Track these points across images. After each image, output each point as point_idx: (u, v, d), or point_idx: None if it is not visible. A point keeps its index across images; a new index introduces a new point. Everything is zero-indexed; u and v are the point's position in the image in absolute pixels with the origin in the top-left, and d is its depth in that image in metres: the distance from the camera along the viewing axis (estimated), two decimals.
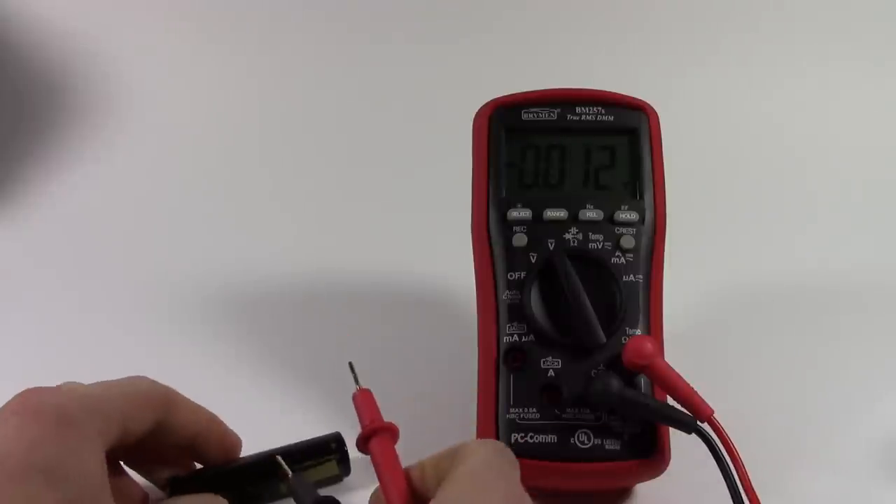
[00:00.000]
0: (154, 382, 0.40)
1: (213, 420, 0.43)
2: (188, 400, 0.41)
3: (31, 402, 0.33)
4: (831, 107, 0.84)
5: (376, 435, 0.40)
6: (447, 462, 0.36)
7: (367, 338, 0.60)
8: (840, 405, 0.54)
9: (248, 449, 0.46)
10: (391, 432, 0.40)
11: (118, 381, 0.38)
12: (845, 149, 0.81)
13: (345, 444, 0.46)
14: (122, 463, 0.40)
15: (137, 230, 0.74)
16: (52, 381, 0.55)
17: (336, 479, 0.47)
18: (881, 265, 0.68)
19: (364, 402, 0.42)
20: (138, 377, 0.39)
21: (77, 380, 0.52)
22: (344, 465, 0.46)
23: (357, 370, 0.43)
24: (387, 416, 0.52)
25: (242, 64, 0.90)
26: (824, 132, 0.82)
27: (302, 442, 0.47)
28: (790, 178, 0.78)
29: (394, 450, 0.39)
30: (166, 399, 0.39)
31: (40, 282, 0.68)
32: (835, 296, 0.64)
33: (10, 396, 0.55)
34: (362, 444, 0.40)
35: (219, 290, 0.66)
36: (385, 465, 0.39)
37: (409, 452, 0.49)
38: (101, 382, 0.38)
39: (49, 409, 0.33)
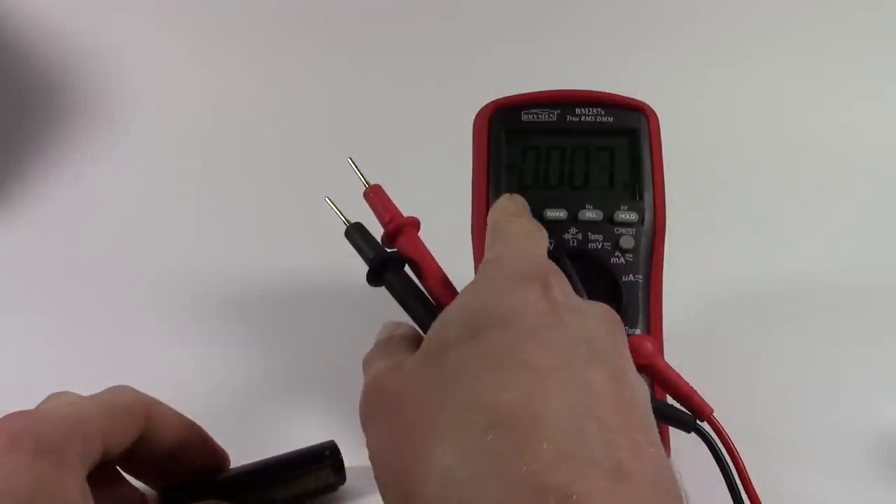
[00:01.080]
0: (136, 393, 0.39)
1: (195, 431, 0.42)
2: (170, 410, 0.40)
3: (8, 431, 0.33)
4: (832, 107, 0.84)
5: (402, 231, 0.41)
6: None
7: (367, 338, 0.60)
8: (840, 404, 0.54)
9: (246, 451, 0.46)
10: (416, 226, 0.42)
11: (99, 394, 0.37)
12: (845, 149, 0.81)
13: (339, 453, 0.46)
14: (118, 468, 0.40)
15: (137, 230, 0.75)
16: (51, 381, 0.56)
17: (332, 488, 0.47)
18: (882, 265, 0.68)
19: (378, 198, 0.43)
20: (120, 388, 0.38)
21: (75, 380, 0.52)
22: (339, 473, 0.46)
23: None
24: None
25: (242, 64, 0.90)
26: (824, 132, 0.82)
27: (295, 451, 0.47)
28: (790, 178, 0.78)
29: (423, 243, 0.42)
30: (148, 411, 0.38)
31: (40, 281, 0.68)
32: (835, 295, 0.64)
33: (9, 394, 0.55)
34: (389, 242, 0.41)
35: (219, 291, 0.66)
36: (422, 260, 0.40)
37: None
38: (82, 398, 0.37)
39: (26, 437, 0.33)
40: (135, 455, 0.38)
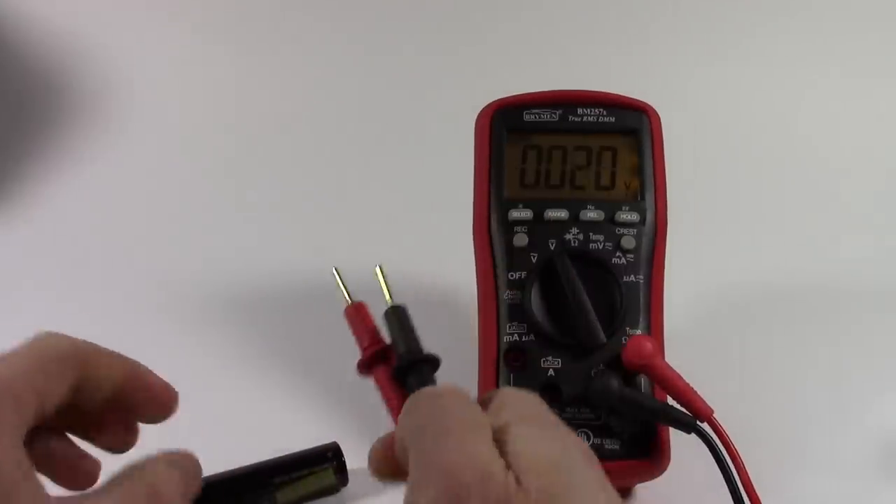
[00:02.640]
0: (68, 339, 0.35)
1: (136, 369, 0.38)
2: (105, 351, 0.37)
3: None
4: (832, 106, 0.84)
5: (378, 360, 0.35)
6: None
7: None
8: (840, 405, 0.54)
9: (248, 453, 0.46)
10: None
11: (23, 347, 0.34)
12: (846, 148, 0.81)
13: (342, 455, 0.47)
14: (68, 434, 0.37)
15: (137, 230, 0.74)
16: None
17: (334, 489, 0.47)
18: (881, 265, 0.68)
19: (358, 318, 0.37)
20: (47, 335, 0.35)
21: None
22: (342, 475, 0.46)
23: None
24: (388, 415, 0.52)
25: (243, 63, 0.90)
26: (824, 132, 0.82)
27: (298, 452, 0.47)
28: (790, 178, 0.78)
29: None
30: (81, 356, 0.35)
31: (40, 281, 0.68)
32: (835, 296, 0.64)
33: None
34: (364, 369, 0.36)
35: (219, 291, 0.66)
36: (392, 394, 0.35)
37: None
38: (7, 354, 0.34)
39: None
40: (71, 408, 0.35)
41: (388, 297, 0.37)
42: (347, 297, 0.38)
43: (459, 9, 0.89)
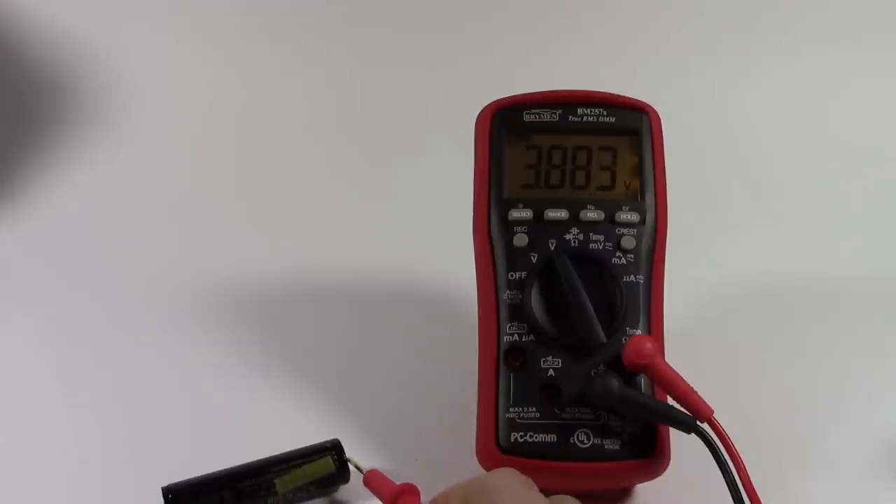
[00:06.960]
0: None
1: None
2: None
3: None
4: (831, 107, 0.84)
5: (402, 496, 0.43)
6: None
7: (368, 338, 0.60)
8: (840, 405, 0.54)
9: (247, 452, 0.46)
10: (415, 493, 0.43)
11: None
12: (845, 149, 0.81)
13: (343, 450, 0.46)
14: None
15: (138, 230, 0.74)
16: (52, 382, 0.55)
17: (334, 480, 0.47)
18: (881, 265, 0.68)
19: (377, 479, 0.45)
20: None
21: (76, 381, 0.50)
22: (342, 469, 0.46)
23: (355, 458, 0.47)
24: (388, 416, 0.52)
25: (244, 63, 0.90)
26: (824, 132, 0.82)
27: (299, 448, 0.47)
28: (790, 178, 0.78)
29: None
30: None
31: (40, 282, 0.68)
32: (835, 296, 0.64)
33: (10, 397, 0.55)
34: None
35: (219, 291, 0.66)
36: None
37: (409, 452, 0.50)
38: None
39: None
40: None
41: (361, 471, 0.47)
42: (361, 471, 0.47)
43: (460, 8, 0.89)
